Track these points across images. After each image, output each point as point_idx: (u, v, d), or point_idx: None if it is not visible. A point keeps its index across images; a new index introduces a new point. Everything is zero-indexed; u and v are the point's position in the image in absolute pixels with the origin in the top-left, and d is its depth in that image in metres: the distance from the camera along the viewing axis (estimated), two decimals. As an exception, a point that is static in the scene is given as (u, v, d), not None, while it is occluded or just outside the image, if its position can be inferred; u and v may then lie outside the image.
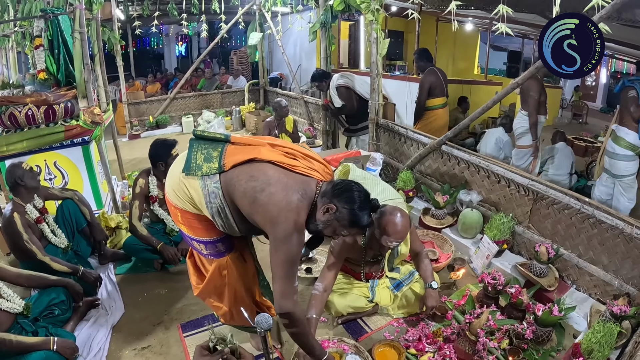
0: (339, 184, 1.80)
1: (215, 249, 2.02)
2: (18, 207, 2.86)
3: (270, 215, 1.70)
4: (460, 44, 11.62)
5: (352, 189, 1.78)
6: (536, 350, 2.37)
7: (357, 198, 1.77)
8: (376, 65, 4.36)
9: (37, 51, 3.52)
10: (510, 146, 5.65)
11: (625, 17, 3.39)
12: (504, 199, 3.44)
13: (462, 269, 3.04)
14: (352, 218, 1.76)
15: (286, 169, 1.80)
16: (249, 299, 2.23)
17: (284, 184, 1.73)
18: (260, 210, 1.72)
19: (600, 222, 2.75)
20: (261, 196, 1.71)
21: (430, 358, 2.26)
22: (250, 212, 1.77)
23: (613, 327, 2.11)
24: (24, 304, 2.35)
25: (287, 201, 1.70)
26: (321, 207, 1.76)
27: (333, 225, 1.79)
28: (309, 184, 1.80)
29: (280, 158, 1.82)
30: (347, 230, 1.81)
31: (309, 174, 1.83)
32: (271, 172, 1.77)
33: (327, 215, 1.76)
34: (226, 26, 7.69)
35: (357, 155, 4.22)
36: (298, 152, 1.89)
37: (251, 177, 1.76)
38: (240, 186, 1.77)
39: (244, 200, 1.77)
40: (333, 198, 1.76)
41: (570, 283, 2.99)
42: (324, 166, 1.92)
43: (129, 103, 7.39)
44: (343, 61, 10.51)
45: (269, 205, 1.70)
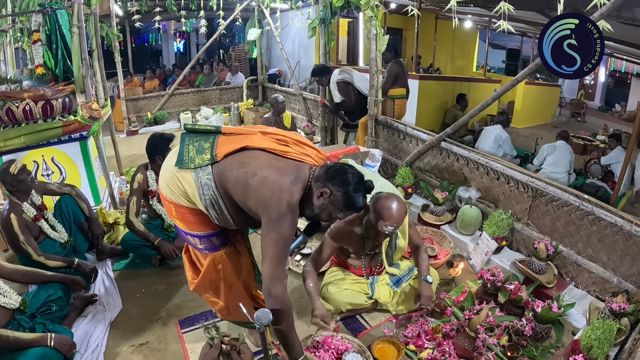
0: (332, 167, 1.78)
1: (210, 243, 2.01)
2: (15, 206, 2.83)
3: (263, 197, 1.69)
4: (459, 41, 11.64)
5: (346, 171, 1.76)
6: (535, 347, 2.38)
7: (350, 180, 1.75)
8: (375, 62, 4.35)
9: (35, 46, 3.48)
10: (509, 143, 5.66)
11: (625, 16, 3.39)
12: (503, 196, 3.44)
13: (460, 264, 3.05)
14: (346, 200, 1.75)
15: (279, 155, 1.79)
16: (245, 293, 2.21)
17: (276, 168, 1.73)
18: (252, 194, 1.71)
19: (599, 219, 2.76)
20: (253, 180, 1.70)
21: (429, 354, 2.26)
22: (244, 199, 1.76)
23: (612, 324, 2.12)
24: (21, 300, 2.33)
25: (280, 183, 1.69)
26: (315, 192, 1.76)
27: (328, 209, 1.78)
28: (301, 168, 1.79)
29: (272, 145, 1.81)
30: (342, 213, 1.80)
31: (302, 159, 1.82)
32: (263, 158, 1.76)
33: (321, 199, 1.75)
34: (225, 22, 7.65)
35: (356, 152, 4.21)
36: (290, 138, 1.88)
37: (242, 164, 1.75)
38: (232, 174, 1.76)
39: (237, 187, 1.75)
40: (327, 181, 1.74)
41: (569, 280, 3.00)
42: (316, 152, 1.91)
43: (127, 99, 7.36)
44: (342, 58, 10.49)
45: (261, 188, 1.69)
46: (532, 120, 10.09)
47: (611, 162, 5.45)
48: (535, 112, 10.14)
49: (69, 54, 3.57)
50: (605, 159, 5.56)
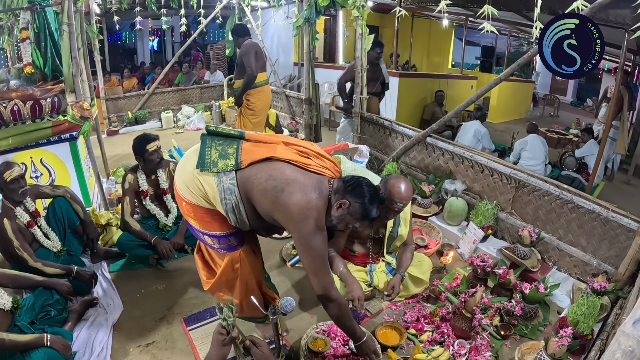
0: (350, 180, 1.90)
1: (228, 242, 2.06)
2: (7, 211, 2.76)
3: (291, 214, 1.78)
4: (435, 39, 11.89)
5: (362, 184, 1.89)
6: (525, 326, 2.55)
7: (367, 192, 1.88)
8: (361, 60, 4.46)
9: (24, 44, 3.42)
10: (488, 138, 5.88)
11: (599, 17, 3.59)
12: (487, 188, 3.61)
13: (450, 252, 3.20)
14: (364, 211, 1.88)
15: (301, 167, 1.88)
16: (258, 291, 2.28)
17: (301, 184, 1.81)
18: (281, 209, 1.80)
19: (578, 207, 2.95)
20: (282, 196, 1.78)
21: (429, 336, 2.39)
22: (271, 210, 1.84)
23: (596, 300, 2.30)
24: (12, 299, 2.26)
25: (307, 200, 1.78)
26: (335, 204, 1.86)
27: (346, 220, 1.90)
28: (322, 182, 1.89)
29: (295, 157, 1.89)
30: (359, 223, 1.92)
31: (322, 172, 1.92)
32: (288, 172, 1.84)
33: (340, 211, 1.86)
34: (205, 20, 7.63)
35: (345, 148, 4.32)
36: (311, 150, 1.97)
37: (270, 176, 1.82)
38: (260, 184, 1.83)
39: (264, 199, 1.83)
40: (345, 194, 1.86)
41: (552, 264, 3.19)
42: (333, 164, 2.01)
43: (106, 99, 7.25)
44: (318, 55, 10.49)
45: (289, 205, 1.77)
46: (507, 115, 10.43)
47: (585, 154, 5.73)
48: (510, 107, 10.49)
49: (57, 52, 3.53)
50: (580, 151, 5.84)
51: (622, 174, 6.65)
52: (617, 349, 1.13)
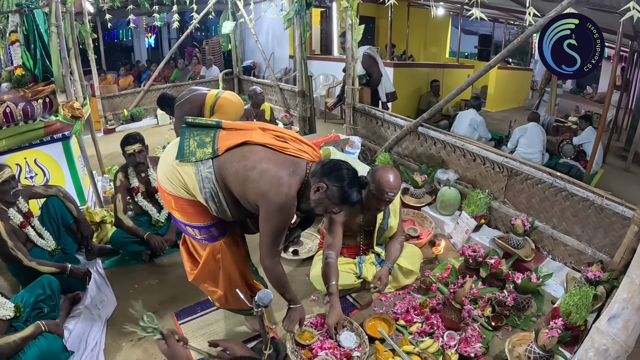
0: (328, 163, 1.88)
1: (209, 233, 2.07)
2: (0, 213, 2.77)
3: (261, 189, 1.78)
4: (432, 28, 11.77)
5: (341, 167, 1.87)
6: (518, 316, 2.54)
7: (346, 175, 1.85)
8: (351, 51, 4.43)
9: (14, 47, 3.42)
10: (484, 126, 5.84)
11: (594, 2, 3.53)
12: (480, 176, 3.59)
13: (442, 242, 3.19)
14: (342, 195, 1.84)
15: (277, 150, 1.88)
16: (242, 282, 2.28)
17: (274, 161, 1.82)
18: (251, 186, 1.80)
19: (572, 195, 2.92)
20: (252, 173, 1.79)
21: (419, 328, 2.39)
22: (243, 190, 1.84)
23: (589, 290, 2.28)
24: (14, 306, 2.32)
25: (278, 176, 1.78)
26: (312, 186, 1.84)
27: (324, 204, 1.87)
28: (298, 163, 1.88)
29: (271, 141, 1.89)
30: (337, 207, 1.90)
31: (299, 155, 1.91)
32: (262, 153, 1.85)
33: (318, 194, 1.84)
34: (198, 16, 7.59)
35: (337, 139, 4.30)
36: (288, 135, 1.97)
37: (242, 157, 1.84)
38: (232, 167, 1.84)
39: (236, 180, 1.84)
40: (323, 176, 1.83)
41: (546, 253, 3.17)
42: (312, 149, 2.00)
43: (102, 97, 7.25)
44: (315, 48, 10.45)
45: (259, 181, 1.78)
46: (505, 104, 10.35)
47: (583, 142, 5.68)
48: (508, 95, 10.41)
49: (47, 53, 3.53)
50: (577, 139, 5.80)
51: (621, 161, 6.61)
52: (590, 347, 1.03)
